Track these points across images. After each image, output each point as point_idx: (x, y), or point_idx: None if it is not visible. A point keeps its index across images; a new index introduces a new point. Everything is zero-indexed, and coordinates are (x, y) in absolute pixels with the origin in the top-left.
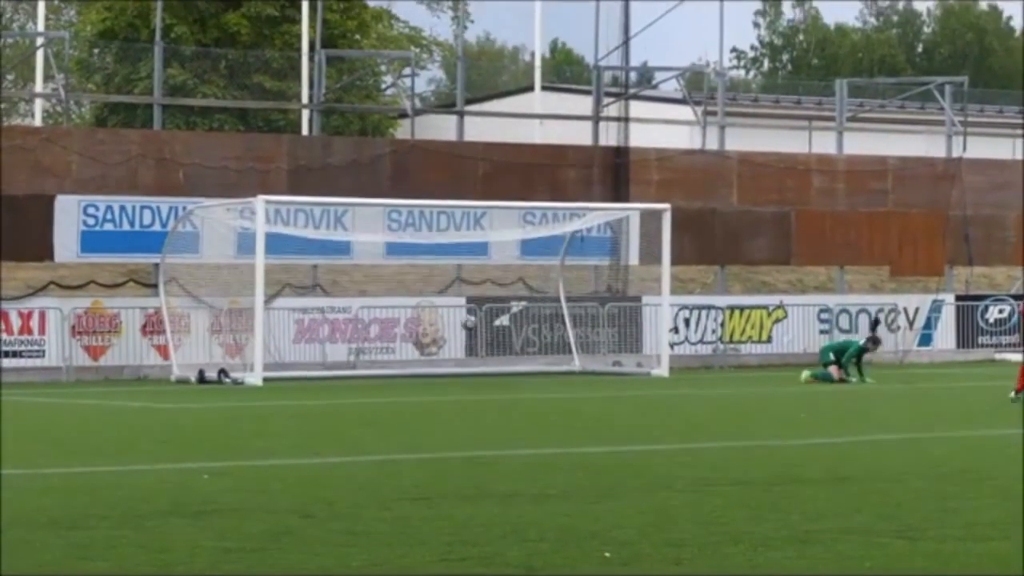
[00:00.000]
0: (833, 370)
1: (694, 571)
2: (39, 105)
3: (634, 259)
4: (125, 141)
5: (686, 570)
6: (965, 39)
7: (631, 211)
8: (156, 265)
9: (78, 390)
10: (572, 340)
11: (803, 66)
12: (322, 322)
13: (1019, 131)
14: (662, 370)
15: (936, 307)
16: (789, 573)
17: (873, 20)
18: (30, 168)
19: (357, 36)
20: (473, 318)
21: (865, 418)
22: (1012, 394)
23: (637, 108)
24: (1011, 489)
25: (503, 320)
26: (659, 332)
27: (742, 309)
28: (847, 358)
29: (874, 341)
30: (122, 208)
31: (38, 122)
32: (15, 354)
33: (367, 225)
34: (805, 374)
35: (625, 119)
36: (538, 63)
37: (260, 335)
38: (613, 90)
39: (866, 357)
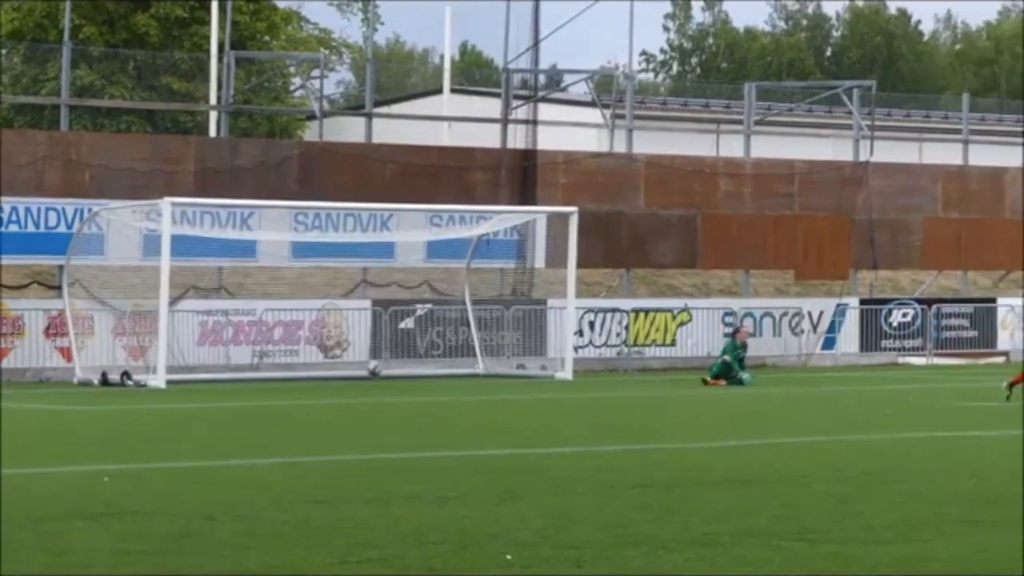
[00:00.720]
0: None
1: (594, 573)
2: None
3: (540, 262)
4: (32, 142)
5: (586, 572)
6: (874, 43)
7: (538, 214)
8: (60, 267)
9: None
10: (476, 343)
11: (712, 69)
12: (226, 324)
13: (926, 135)
14: (566, 373)
15: (840, 311)
16: (689, 575)
17: (782, 23)
18: None
19: (267, 38)
20: (377, 364)
21: (767, 421)
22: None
23: (546, 111)
24: (913, 491)
25: (408, 323)
26: (564, 335)
27: (647, 312)
28: (733, 360)
29: (735, 333)
30: (27, 210)
31: None
32: None
33: (273, 227)
34: (705, 378)
35: (533, 122)
36: (447, 65)
37: (164, 337)
38: (522, 93)
39: (770, 360)
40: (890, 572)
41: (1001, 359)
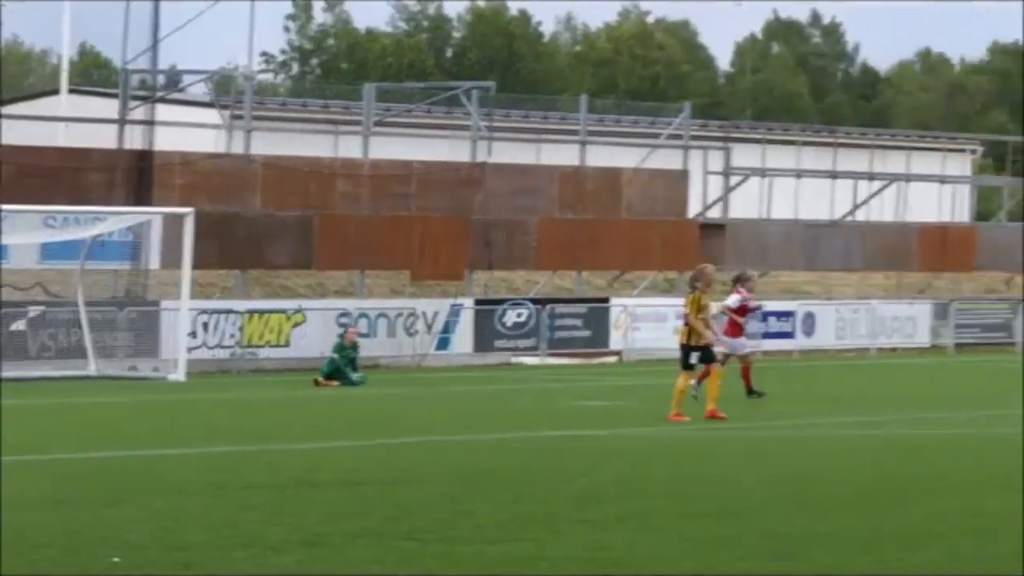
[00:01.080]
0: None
1: (203, 574)
2: None
3: (155, 263)
4: None
5: (195, 573)
6: (494, 44)
7: (153, 215)
8: None
9: None
10: (89, 345)
11: (333, 70)
12: None
13: (544, 136)
14: (179, 374)
15: (455, 311)
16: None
17: (403, 24)
18: None
19: None
20: None
21: (380, 422)
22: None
23: (164, 111)
24: (525, 491)
25: (19, 325)
26: (177, 336)
27: (261, 313)
28: (343, 360)
29: (343, 334)
30: None
31: None
32: None
33: None
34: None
35: (151, 123)
36: (65, 65)
37: None
38: (140, 93)
39: (384, 360)
40: (500, 572)
41: (614, 359)
